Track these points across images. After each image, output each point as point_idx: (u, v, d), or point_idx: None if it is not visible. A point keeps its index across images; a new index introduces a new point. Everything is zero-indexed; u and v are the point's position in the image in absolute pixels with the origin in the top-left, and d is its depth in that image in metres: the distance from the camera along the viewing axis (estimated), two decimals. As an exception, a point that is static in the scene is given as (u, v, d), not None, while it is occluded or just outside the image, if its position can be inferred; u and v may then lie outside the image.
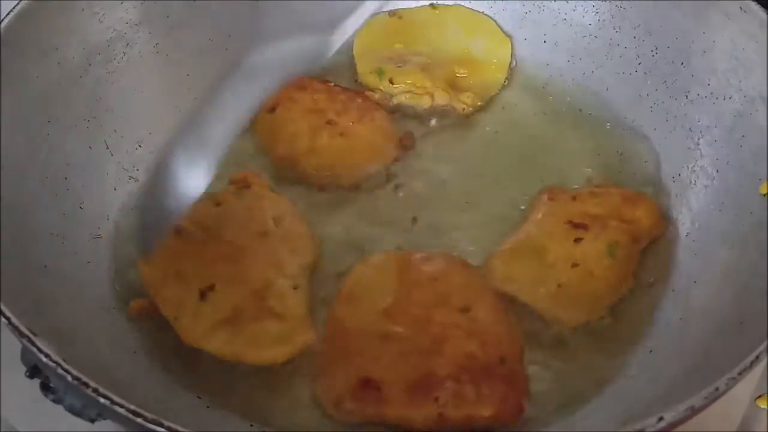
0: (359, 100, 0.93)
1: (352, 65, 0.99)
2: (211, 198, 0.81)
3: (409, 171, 0.90)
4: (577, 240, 0.78)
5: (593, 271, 0.77)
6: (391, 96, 0.96)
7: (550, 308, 0.76)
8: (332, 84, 0.95)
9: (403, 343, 0.71)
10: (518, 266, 0.78)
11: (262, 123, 0.92)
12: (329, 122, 0.90)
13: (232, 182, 0.84)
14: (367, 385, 0.69)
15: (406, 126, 0.94)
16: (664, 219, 0.83)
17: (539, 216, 0.82)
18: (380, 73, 0.96)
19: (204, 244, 0.77)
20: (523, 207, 0.86)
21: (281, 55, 0.98)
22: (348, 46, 0.99)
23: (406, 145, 0.91)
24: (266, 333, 0.72)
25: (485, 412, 0.67)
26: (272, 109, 0.91)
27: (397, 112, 0.95)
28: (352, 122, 0.90)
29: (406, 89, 0.95)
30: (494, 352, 0.71)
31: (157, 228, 0.71)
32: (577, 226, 0.80)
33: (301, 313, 0.74)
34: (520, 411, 0.69)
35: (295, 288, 0.75)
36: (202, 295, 0.73)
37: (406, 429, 0.68)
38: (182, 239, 0.77)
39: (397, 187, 0.88)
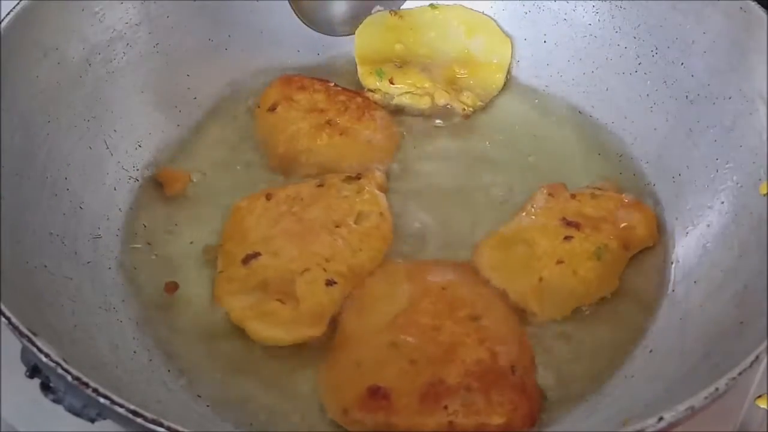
0: (359, 100, 0.94)
1: (352, 65, 0.99)
2: (318, 179, 0.84)
3: (409, 171, 0.90)
4: (567, 238, 0.79)
5: (577, 270, 0.77)
6: (392, 96, 0.96)
7: (528, 300, 0.76)
8: (332, 84, 0.95)
9: (413, 351, 0.71)
10: (504, 255, 0.79)
11: (262, 122, 0.92)
12: (329, 122, 0.90)
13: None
14: (376, 394, 0.68)
15: (407, 126, 0.94)
16: (660, 230, 0.83)
17: (535, 209, 0.83)
18: (380, 73, 0.96)
19: (281, 216, 0.80)
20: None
21: (281, 53, 0.98)
22: (348, 47, 1.00)
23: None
24: (277, 314, 0.73)
25: (496, 420, 0.67)
26: (272, 109, 0.91)
27: (397, 112, 0.95)
28: (352, 122, 0.90)
29: (406, 89, 0.95)
30: (505, 361, 0.70)
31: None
32: (569, 224, 0.80)
33: (319, 308, 0.74)
34: (533, 422, 0.69)
35: (328, 284, 0.75)
36: (245, 260, 0.77)
37: None
38: (267, 204, 0.81)
39: (396, 187, 0.88)
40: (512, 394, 0.68)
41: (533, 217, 0.82)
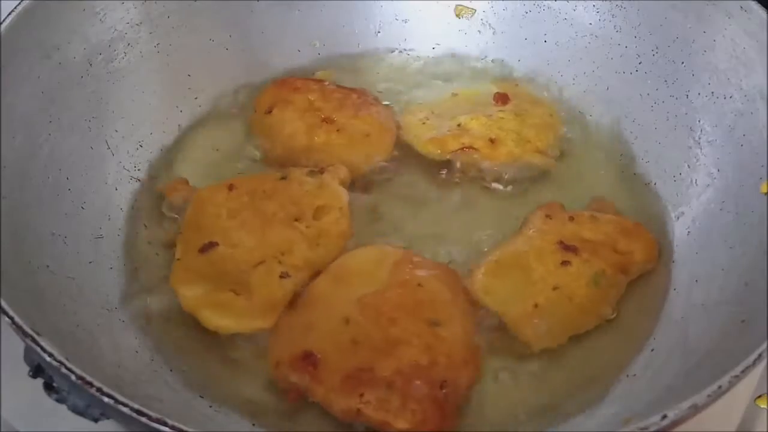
0: (354, 97, 0.93)
1: (352, 65, 0.99)
2: (282, 171, 0.84)
3: (408, 171, 0.90)
4: (565, 263, 0.76)
5: (572, 298, 0.75)
6: None
7: (521, 327, 0.74)
8: (326, 83, 0.95)
9: (359, 333, 0.71)
10: (500, 280, 0.77)
11: (259, 125, 0.92)
12: (325, 120, 0.89)
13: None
14: (308, 359, 0.69)
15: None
16: (659, 254, 0.81)
17: (532, 231, 0.80)
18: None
19: (242, 207, 0.80)
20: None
21: (282, 53, 0.98)
22: (348, 46, 1.00)
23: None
24: (230, 304, 0.74)
25: (400, 424, 0.66)
26: (268, 111, 0.91)
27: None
28: (348, 118, 0.90)
29: None
30: (440, 374, 0.69)
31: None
32: (567, 248, 0.77)
33: (271, 301, 0.74)
34: None
35: (282, 277, 0.75)
36: (203, 249, 0.77)
37: (327, 410, 0.69)
38: (229, 195, 0.81)
39: (396, 188, 0.88)
40: (428, 407, 0.67)
41: (530, 240, 0.79)
